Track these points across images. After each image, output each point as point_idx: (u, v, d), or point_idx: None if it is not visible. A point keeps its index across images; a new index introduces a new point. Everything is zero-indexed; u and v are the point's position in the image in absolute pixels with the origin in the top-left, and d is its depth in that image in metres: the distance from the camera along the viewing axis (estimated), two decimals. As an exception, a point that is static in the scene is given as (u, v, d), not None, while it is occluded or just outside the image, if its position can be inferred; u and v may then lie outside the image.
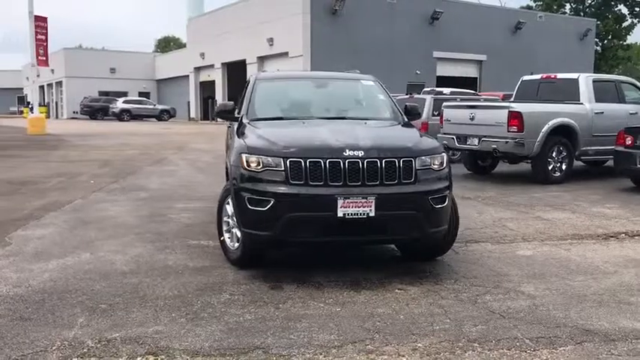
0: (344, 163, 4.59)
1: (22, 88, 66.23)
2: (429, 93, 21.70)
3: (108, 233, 6.46)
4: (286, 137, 4.99)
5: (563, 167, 10.82)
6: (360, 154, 4.63)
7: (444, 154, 5.01)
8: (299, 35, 31.19)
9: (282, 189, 4.57)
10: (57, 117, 57.43)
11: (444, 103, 12.47)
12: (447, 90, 22.86)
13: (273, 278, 4.87)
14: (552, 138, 10.56)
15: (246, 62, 36.19)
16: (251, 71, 31.37)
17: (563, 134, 10.73)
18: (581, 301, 4.38)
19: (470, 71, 37.67)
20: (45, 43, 24.12)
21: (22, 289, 4.59)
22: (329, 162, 4.58)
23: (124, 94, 52.37)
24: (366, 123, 5.67)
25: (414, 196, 4.69)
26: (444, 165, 4.95)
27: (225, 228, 5.33)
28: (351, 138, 4.85)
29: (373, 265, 5.34)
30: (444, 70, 36.10)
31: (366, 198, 4.54)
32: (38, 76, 24.86)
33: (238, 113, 6.10)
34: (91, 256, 5.52)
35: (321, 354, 3.46)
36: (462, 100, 14.69)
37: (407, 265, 5.29)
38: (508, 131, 10.30)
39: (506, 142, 10.34)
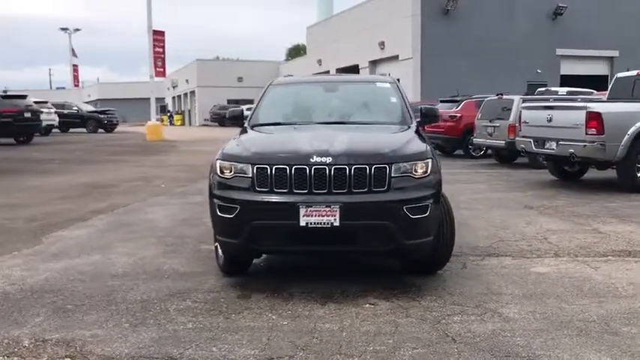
0: (310, 170, 4.39)
1: (163, 98, 71.61)
2: (543, 93, 20.38)
3: (132, 236, 6.73)
4: (260, 143, 4.91)
5: (657, 174, 9.61)
6: (328, 160, 4.41)
7: (428, 160, 4.61)
8: (409, 38, 30.65)
9: (247, 196, 4.48)
10: (190, 124, 61.33)
11: (522, 104, 11.60)
12: (562, 90, 21.35)
13: (249, 287, 4.78)
14: (642, 141, 9.41)
15: (359, 67, 36.26)
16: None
17: (656, 137, 9.52)
18: (559, 328, 3.83)
19: (599, 69, 34.72)
20: (162, 56, 25.95)
21: (15, 286, 4.89)
22: (295, 169, 4.41)
23: (250, 101, 54.55)
24: (357, 127, 5.39)
25: (386, 205, 4.38)
26: (428, 172, 4.56)
27: (218, 234, 5.33)
28: (325, 144, 4.62)
29: (362, 276, 5.04)
30: (570, 68, 33.61)
31: (330, 207, 4.31)
32: (174, 87, 26.75)
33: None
34: (99, 258, 5.77)
35: (226, 369, 3.34)
36: (555, 99, 13.58)
37: (398, 279, 4.95)
38: (586, 134, 9.33)
39: (585, 145, 9.36)
